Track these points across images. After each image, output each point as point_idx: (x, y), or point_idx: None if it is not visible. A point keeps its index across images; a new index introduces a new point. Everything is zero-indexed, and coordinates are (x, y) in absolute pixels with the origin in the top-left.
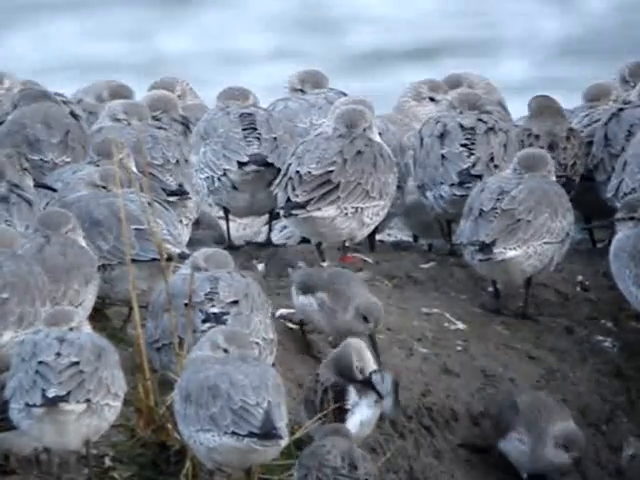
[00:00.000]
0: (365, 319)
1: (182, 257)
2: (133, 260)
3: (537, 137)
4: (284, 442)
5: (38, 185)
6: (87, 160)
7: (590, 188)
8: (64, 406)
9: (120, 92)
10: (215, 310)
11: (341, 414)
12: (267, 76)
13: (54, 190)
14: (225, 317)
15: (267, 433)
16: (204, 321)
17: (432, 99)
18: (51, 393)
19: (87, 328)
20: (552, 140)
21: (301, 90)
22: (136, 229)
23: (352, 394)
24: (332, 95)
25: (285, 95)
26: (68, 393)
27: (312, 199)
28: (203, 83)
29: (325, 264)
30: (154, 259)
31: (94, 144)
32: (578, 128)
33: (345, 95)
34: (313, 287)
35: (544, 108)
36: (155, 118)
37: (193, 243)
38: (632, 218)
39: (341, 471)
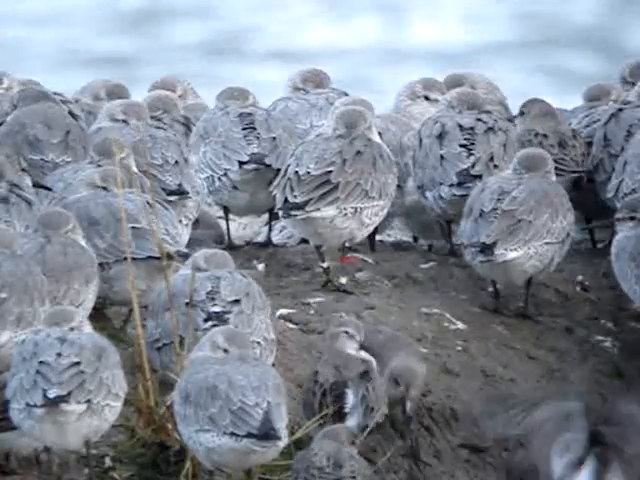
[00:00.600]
0: (396, 382)
1: (180, 255)
2: (130, 258)
3: (545, 136)
4: (283, 443)
5: (35, 185)
6: (88, 160)
7: (590, 188)
8: (65, 406)
9: (117, 91)
10: (217, 309)
11: (339, 417)
12: None
13: (49, 189)
14: (227, 316)
15: (266, 434)
16: (206, 320)
17: (427, 97)
18: (52, 393)
19: (87, 328)
20: (561, 138)
21: (303, 89)
22: (133, 227)
23: (350, 396)
24: (333, 96)
25: (287, 94)
26: (69, 393)
27: (311, 199)
28: None
29: (325, 264)
30: (150, 257)
31: (95, 144)
32: (578, 128)
33: (346, 95)
34: (368, 349)
35: (545, 111)
36: (156, 118)
37: (192, 243)
38: (632, 218)
39: (326, 470)
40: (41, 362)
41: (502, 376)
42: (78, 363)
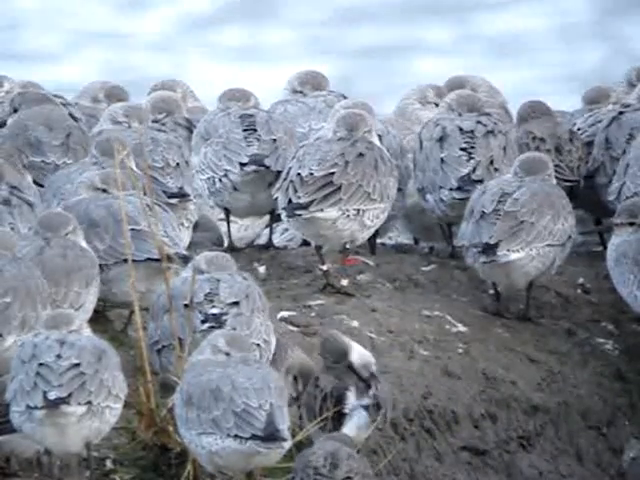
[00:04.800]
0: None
1: (179, 257)
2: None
3: (542, 140)
4: (287, 445)
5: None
6: (92, 161)
7: (595, 189)
8: (65, 408)
9: (115, 93)
10: (215, 311)
11: (339, 418)
12: None
13: (41, 186)
14: (224, 318)
15: (270, 436)
16: (203, 322)
17: (437, 105)
18: (52, 395)
19: (87, 331)
20: (557, 143)
21: (301, 92)
22: (132, 229)
23: (350, 398)
24: (332, 98)
25: (285, 97)
26: (69, 395)
27: (314, 200)
28: None
29: (324, 267)
30: (149, 259)
31: (97, 143)
32: (583, 127)
33: (345, 98)
34: None
35: (543, 112)
36: (160, 122)
37: (191, 246)
38: (632, 224)
39: (321, 470)
40: (41, 364)
41: (503, 378)
42: (78, 365)
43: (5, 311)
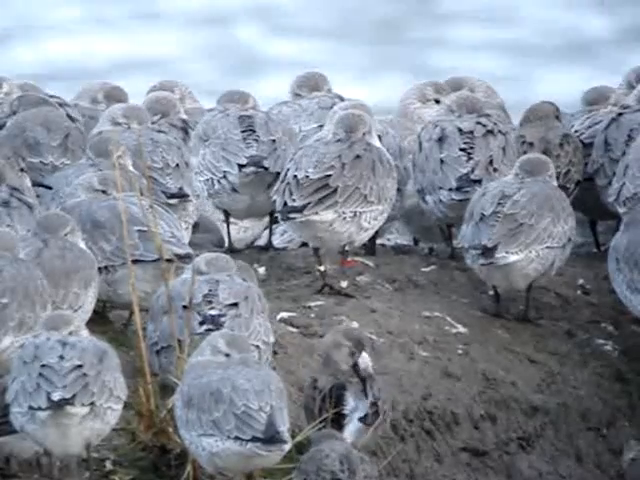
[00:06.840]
0: None
1: (187, 257)
2: (137, 261)
3: (531, 144)
4: (287, 446)
5: (34, 184)
6: (88, 162)
7: (594, 190)
8: (69, 409)
9: (114, 94)
10: (213, 312)
11: (339, 419)
12: None
13: (50, 188)
14: (223, 319)
15: (270, 438)
16: (201, 323)
17: (437, 101)
18: (56, 396)
19: (85, 332)
20: (546, 147)
21: (299, 94)
22: (139, 230)
23: (349, 399)
24: (326, 100)
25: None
26: (74, 396)
27: (309, 203)
28: None
29: (322, 268)
30: (159, 259)
31: (91, 144)
32: (581, 129)
33: (342, 99)
34: None
35: (535, 112)
36: (154, 123)
37: (191, 247)
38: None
39: (339, 475)
40: (43, 365)
41: (503, 380)
42: (81, 366)
43: (2, 312)
